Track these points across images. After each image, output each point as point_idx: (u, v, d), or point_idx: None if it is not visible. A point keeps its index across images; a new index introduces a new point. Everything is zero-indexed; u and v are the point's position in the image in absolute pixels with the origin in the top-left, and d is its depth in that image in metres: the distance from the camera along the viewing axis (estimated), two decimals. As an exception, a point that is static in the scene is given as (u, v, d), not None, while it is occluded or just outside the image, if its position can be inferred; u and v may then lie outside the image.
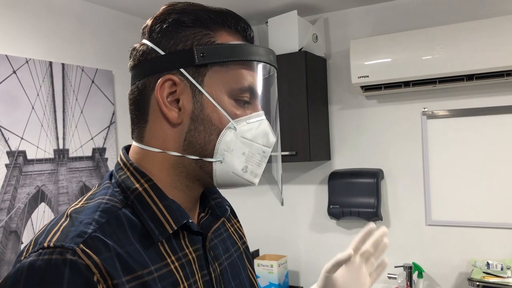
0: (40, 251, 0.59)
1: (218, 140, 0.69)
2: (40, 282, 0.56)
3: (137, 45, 0.73)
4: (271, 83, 0.78)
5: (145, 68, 0.71)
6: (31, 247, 0.61)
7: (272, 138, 0.74)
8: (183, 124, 0.69)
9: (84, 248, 0.59)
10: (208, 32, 0.69)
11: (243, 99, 0.71)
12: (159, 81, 0.68)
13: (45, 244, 0.59)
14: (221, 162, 0.70)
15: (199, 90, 0.68)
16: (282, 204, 0.90)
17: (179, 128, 0.69)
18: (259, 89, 0.73)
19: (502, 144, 2.23)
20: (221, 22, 0.70)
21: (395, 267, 2.35)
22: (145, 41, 0.72)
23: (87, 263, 0.58)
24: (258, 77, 0.73)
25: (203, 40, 0.69)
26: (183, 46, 0.68)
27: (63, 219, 0.64)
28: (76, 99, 2.18)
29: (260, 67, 0.73)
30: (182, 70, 0.68)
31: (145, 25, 0.73)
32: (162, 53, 0.69)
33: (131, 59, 0.73)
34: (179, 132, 0.69)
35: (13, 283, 0.57)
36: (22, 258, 0.60)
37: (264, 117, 0.74)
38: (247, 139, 0.70)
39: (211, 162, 0.70)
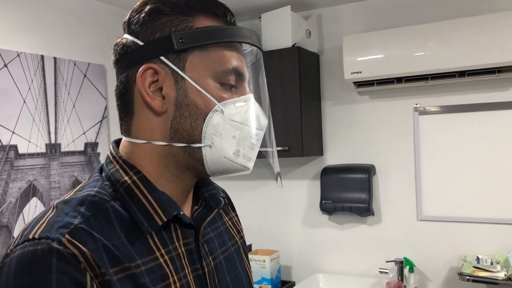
0: (25, 243, 0.58)
1: (205, 124, 0.67)
2: (29, 273, 0.56)
3: (118, 40, 0.73)
4: (257, 65, 0.76)
5: (126, 61, 0.70)
6: (17, 240, 0.61)
7: (264, 121, 0.72)
8: (168, 112, 0.68)
9: (70, 238, 0.58)
10: (185, 18, 0.68)
11: (229, 83, 0.69)
12: (139, 71, 0.68)
13: (30, 236, 0.59)
14: (211, 147, 0.68)
15: (181, 76, 0.67)
16: (280, 183, 0.86)
17: (164, 117, 0.68)
18: (244, 70, 0.71)
19: (493, 140, 2.25)
20: (200, 8, 0.69)
21: (387, 262, 2.37)
22: (125, 35, 0.72)
23: (74, 252, 0.57)
24: (242, 59, 0.71)
25: (181, 25, 0.68)
26: (161, 34, 0.67)
27: (50, 211, 0.64)
28: (68, 93, 2.17)
29: (242, 48, 0.72)
30: (162, 58, 0.67)
31: (124, 19, 0.73)
32: (141, 43, 0.68)
33: (113, 55, 0.73)
34: (165, 120, 0.69)
35: (5, 281, 0.57)
36: (9, 251, 0.60)
37: (253, 100, 0.72)
38: (237, 122, 0.69)
39: (200, 147, 0.68)
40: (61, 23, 2.19)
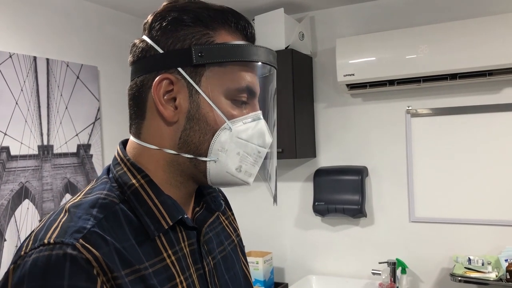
0: (40, 247, 0.60)
1: (213, 140, 0.69)
2: (42, 277, 0.57)
3: (137, 41, 0.73)
4: (270, 83, 0.78)
5: (144, 66, 0.71)
6: (31, 242, 0.62)
7: (268, 139, 0.74)
8: (178, 123, 0.70)
9: (83, 243, 0.60)
10: (207, 31, 0.69)
11: (240, 99, 0.71)
12: (156, 79, 0.69)
13: (45, 241, 0.60)
14: (215, 162, 0.70)
15: (196, 90, 0.69)
16: (275, 203, 0.90)
17: (174, 127, 0.70)
18: (256, 88, 0.73)
19: (483, 142, 2.27)
20: (221, 20, 0.70)
21: (379, 263, 2.38)
22: (145, 37, 0.72)
23: (87, 257, 0.59)
24: (256, 77, 0.73)
25: (201, 39, 0.69)
26: (182, 46, 0.68)
27: (62, 214, 0.65)
28: (61, 95, 2.16)
29: (258, 67, 0.73)
30: (179, 69, 0.68)
31: (145, 21, 0.74)
32: (161, 51, 0.69)
33: (131, 55, 0.74)
34: (175, 130, 0.70)
35: (17, 282, 0.58)
36: (22, 253, 0.61)
37: (261, 117, 0.74)
38: (243, 140, 0.71)
39: (205, 161, 0.70)
40: (54, 24, 2.18)
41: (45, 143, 2.08)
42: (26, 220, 1.98)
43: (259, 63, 0.72)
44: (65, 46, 2.23)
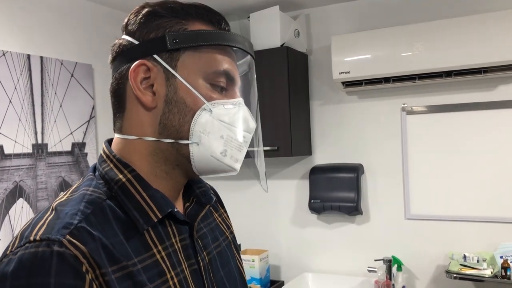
0: (26, 245, 0.59)
1: (193, 121, 0.69)
2: (27, 275, 0.56)
3: (116, 41, 0.75)
4: (248, 71, 0.79)
5: (122, 59, 0.72)
6: (17, 241, 0.61)
7: (252, 124, 0.74)
8: (157, 108, 0.70)
9: (70, 238, 0.59)
10: (181, 21, 0.71)
11: (219, 84, 0.71)
12: (132, 66, 0.69)
13: (31, 238, 0.59)
14: (198, 145, 0.69)
15: (173, 74, 0.69)
16: (264, 186, 0.90)
17: (154, 112, 0.70)
18: (235, 74, 0.73)
19: (479, 139, 2.28)
20: (195, 14, 0.72)
21: (375, 260, 2.39)
22: (123, 36, 0.74)
23: (75, 253, 0.58)
24: (234, 64, 0.73)
25: (175, 27, 0.70)
26: (156, 34, 0.70)
27: (48, 213, 0.64)
28: (55, 93, 2.15)
29: (234, 52, 0.74)
30: (155, 56, 0.69)
31: (123, 22, 0.75)
32: (137, 42, 0.71)
33: (110, 54, 0.75)
34: (154, 115, 0.70)
35: (0, 279, 0.57)
36: (8, 252, 0.60)
37: (242, 103, 0.74)
38: (225, 123, 0.70)
39: (187, 144, 0.70)
40: (48, 22, 2.17)
41: (40, 141, 2.07)
42: (21, 219, 1.97)
43: (235, 48, 0.73)
44: (60, 44, 2.21)
